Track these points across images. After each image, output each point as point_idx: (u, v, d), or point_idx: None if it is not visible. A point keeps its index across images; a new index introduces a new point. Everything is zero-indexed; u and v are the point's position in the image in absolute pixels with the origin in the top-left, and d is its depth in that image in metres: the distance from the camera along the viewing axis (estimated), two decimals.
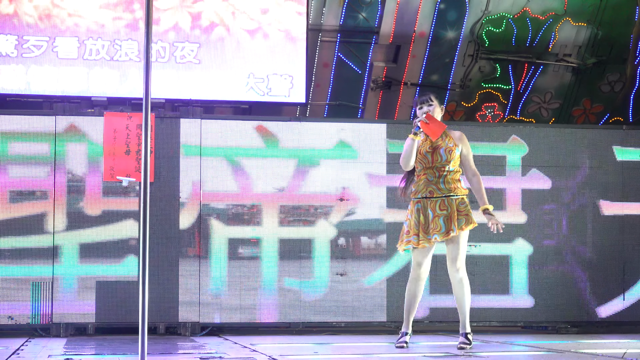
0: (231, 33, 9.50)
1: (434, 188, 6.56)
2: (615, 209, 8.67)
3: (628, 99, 11.59)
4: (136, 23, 9.30)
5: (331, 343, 7.36)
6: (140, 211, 4.53)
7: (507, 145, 8.59)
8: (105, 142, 8.09)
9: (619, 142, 8.72)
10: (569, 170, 8.64)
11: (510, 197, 8.54)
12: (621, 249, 8.65)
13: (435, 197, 6.55)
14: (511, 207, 8.53)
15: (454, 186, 6.56)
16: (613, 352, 6.02)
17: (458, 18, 11.10)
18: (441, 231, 6.47)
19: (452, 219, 6.47)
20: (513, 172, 8.57)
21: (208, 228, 8.17)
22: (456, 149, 6.61)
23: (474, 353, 6.10)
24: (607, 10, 11.31)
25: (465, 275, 6.56)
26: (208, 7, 9.47)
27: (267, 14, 9.62)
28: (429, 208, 6.54)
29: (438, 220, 6.49)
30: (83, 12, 9.24)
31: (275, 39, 9.65)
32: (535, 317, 8.53)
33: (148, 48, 4.56)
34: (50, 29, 9.13)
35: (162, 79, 9.38)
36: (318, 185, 8.31)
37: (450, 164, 6.58)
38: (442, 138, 6.62)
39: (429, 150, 6.60)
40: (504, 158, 8.57)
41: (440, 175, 6.56)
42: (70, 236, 8.01)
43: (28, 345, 6.91)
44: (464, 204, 6.54)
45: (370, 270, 8.33)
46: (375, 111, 11.28)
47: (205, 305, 8.15)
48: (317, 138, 8.34)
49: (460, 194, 6.56)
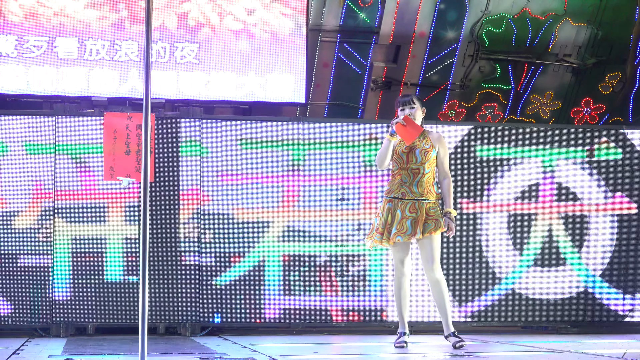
0: (220, 33, 9.48)
1: (407, 190, 6.58)
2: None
3: (628, 99, 11.59)
4: (122, 22, 9.29)
5: (331, 343, 7.36)
6: (140, 211, 4.53)
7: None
8: (105, 142, 8.09)
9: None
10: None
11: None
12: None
13: (406, 199, 6.56)
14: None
15: (427, 190, 6.56)
16: (613, 352, 6.02)
17: (458, 18, 11.10)
18: (406, 233, 6.49)
19: (419, 222, 6.49)
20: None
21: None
22: (432, 150, 6.61)
23: (474, 353, 6.10)
24: (607, 11, 11.31)
25: (441, 276, 6.57)
26: (195, 8, 9.46)
27: (264, 13, 9.61)
28: (399, 209, 6.56)
29: (405, 222, 6.51)
30: (69, 11, 9.22)
31: (275, 39, 9.64)
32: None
33: (148, 48, 4.56)
34: (35, 28, 9.12)
35: (162, 79, 9.38)
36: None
37: (425, 166, 6.57)
38: (420, 139, 6.62)
39: (405, 151, 6.62)
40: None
41: (415, 177, 6.57)
42: (69, 236, 8.01)
43: (28, 345, 6.91)
44: (435, 209, 6.55)
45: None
46: (375, 111, 11.28)
47: (205, 305, 8.15)
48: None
49: (432, 199, 6.57)
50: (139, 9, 9.31)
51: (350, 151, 8.43)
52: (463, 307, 8.43)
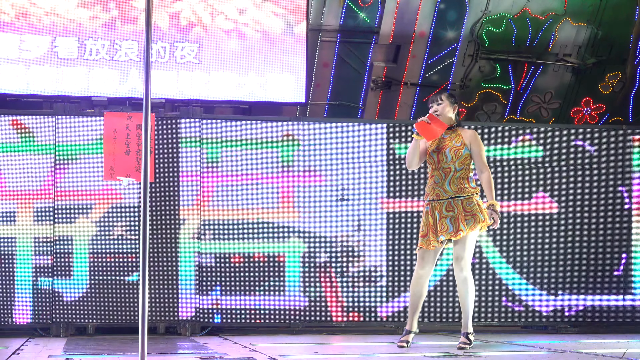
0: (212, 33, 9.46)
1: (440, 190, 6.57)
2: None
3: (628, 99, 11.58)
4: (113, 22, 9.28)
5: (331, 343, 7.36)
6: (140, 211, 4.54)
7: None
8: (105, 142, 8.09)
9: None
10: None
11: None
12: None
13: (441, 200, 6.55)
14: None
15: (461, 187, 6.54)
16: (613, 352, 6.02)
17: (458, 18, 11.10)
18: (449, 231, 6.48)
19: (459, 219, 6.47)
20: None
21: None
22: (464, 148, 6.58)
23: (474, 353, 6.10)
24: (607, 10, 11.30)
25: (469, 275, 6.55)
26: (186, 7, 9.45)
27: (256, 12, 9.58)
28: (436, 211, 6.55)
29: (445, 222, 6.50)
30: (60, 10, 9.21)
31: (274, 39, 9.64)
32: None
33: (148, 48, 4.55)
34: (26, 27, 9.11)
35: (162, 79, 9.38)
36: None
37: (456, 164, 6.56)
38: (450, 138, 6.61)
39: (435, 151, 6.61)
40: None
41: (447, 176, 6.56)
42: (69, 235, 8.02)
43: (28, 345, 6.91)
44: (472, 204, 6.51)
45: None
46: (375, 111, 11.28)
47: (205, 305, 8.15)
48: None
49: (467, 194, 6.54)
50: (129, 9, 9.30)
51: (266, 150, 8.37)
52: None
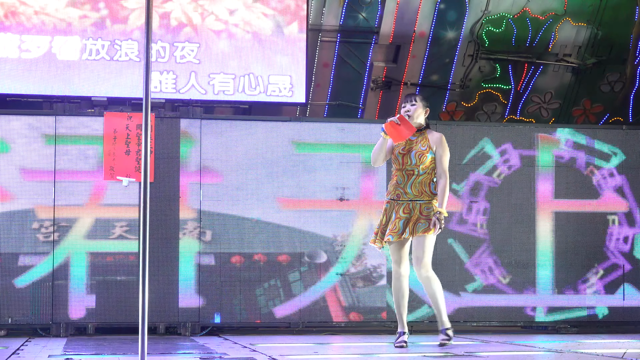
0: (200, 33, 9.45)
1: (401, 192, 6.60)
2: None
3: (628, 99, 11.58)
4: (103, 22, 9.28)
5: (331, 343, 7.36)
6: (140, 211, 4.53)
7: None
8: (105, 142, 8.09)
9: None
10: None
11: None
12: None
13: (401, 201, 6.59)
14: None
15: (421, 191, 6.56)
16: (613, 352, 6.02)
17: (458, 18, 11.10)
18: (398, 233, 6.52)
19: (411, 222, 6.51)
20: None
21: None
22: (429, 152, 6.59)
23: (474, 353, 6.10)
24: (607, 10, 11.31)
25: (432, 274, 6.58)
26: (177, 7, 9.44)
27: (247, 13, 9.58)
28: (394, 210, 6.60)
29: (398, 223, 6.53)
30: (50, 9, 9.20)
31: (273, 39, 9.64)
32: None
33: (148, 48, 4.55)
34: (15, 27, 9.10)
35: (162, 79, 9.37)
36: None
37: (420, 168, 6.57)
38: (417, 141, 6.62)
39: (402, 152, 6.63)
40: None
41: (409, 178, 6.58)
42: (69, 235, 8.02)
43: (28, 345, 6.91)
44: (430, 209, 6.53)
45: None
46: (375, 111, 11.28)
47: (205, 305, 8.15)
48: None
49: (426, 199, 6.56)
50: (119, 8, 9.29)
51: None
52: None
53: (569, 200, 8.68)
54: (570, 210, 8.67)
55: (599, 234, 8.70)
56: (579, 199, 8.68)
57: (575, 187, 8.70)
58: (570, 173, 8.71)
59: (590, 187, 8.73)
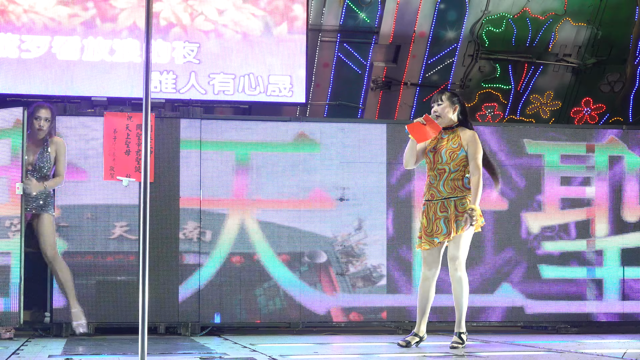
0: (191, 32, 9.45)
1: (435, 191, 6.58)
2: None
3: (628, 99, 11.58)
4: (93, 21, 9.27)
5: (331, 343, 7.36)
6: (140, 211, 4.53)
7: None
8: (105, 142, 8.09)
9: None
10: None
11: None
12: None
13: (435, 200, 6.57)
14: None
15: (454, 187, 6.54)
16: (613, 352, 6.02)
17: (458, 18, 11.10)
18: (442, 233, 6.50)
19: (451, 220, 6.48)
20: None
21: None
22: (460, 149, 6.57)
23: (474, 353, 6.09)
24: (607, 11, 11.30)
25: (464, 275, 6.55)
26: (166, 7, 9.43)
27: (236, 14, 9.57)
28: (431, 211, 6.57)
29: (439, 223, 6.51)
30: (39, 8, 9.20)
31: (273, 39, 9.63)
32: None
33: (148, 48, 4.55)
34: (5, 25, 9.10)
35: (162, 79, 9.37)
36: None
37: (451, 165, 6.55)
38: (448, 138, 6.60)
39: (432, 151, 6.61)
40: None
41: (441, 177, 6.56)
42: (69, 235, 8.01)
43: (28, 345, 6.91)
44: (464, 204, 6.50)
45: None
46: (375, 111, 11.28)
47: (205, 305, 8.15)
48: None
49: (460, 195, 6.54)
50: (108, 7, 9.29)
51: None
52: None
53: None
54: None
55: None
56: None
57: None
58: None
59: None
